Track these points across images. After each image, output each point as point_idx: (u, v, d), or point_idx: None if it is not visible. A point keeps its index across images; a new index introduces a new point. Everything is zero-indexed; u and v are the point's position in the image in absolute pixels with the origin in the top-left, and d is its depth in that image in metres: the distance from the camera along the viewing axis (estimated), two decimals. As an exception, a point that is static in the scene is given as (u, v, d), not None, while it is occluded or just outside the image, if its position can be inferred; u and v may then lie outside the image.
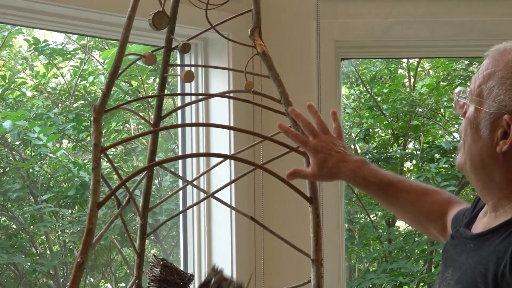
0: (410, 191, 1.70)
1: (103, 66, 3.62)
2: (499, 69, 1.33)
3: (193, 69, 2.39)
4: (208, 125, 2.41)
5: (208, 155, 2.42)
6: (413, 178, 3.89)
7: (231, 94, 2.06)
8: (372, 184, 1.67)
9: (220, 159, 1.97)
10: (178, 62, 2.41)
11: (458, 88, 1.43)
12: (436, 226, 1.71)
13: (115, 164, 3.55)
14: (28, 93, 3.64)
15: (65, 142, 3.64)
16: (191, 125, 2.43)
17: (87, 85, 3.65)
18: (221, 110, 2.37)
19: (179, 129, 2.56)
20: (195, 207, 2.40)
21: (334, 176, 1.63)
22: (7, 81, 3.47)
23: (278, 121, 1.68)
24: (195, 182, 2.29)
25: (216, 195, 1.72)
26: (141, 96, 3.49)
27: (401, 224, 4.26)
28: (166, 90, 3.09)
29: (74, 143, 3.57)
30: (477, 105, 1.34)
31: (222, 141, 2.36)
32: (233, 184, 2.26)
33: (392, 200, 1.72)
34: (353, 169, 1.62)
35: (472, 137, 1.36)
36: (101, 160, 1.44)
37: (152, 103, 3.31)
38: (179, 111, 2.48)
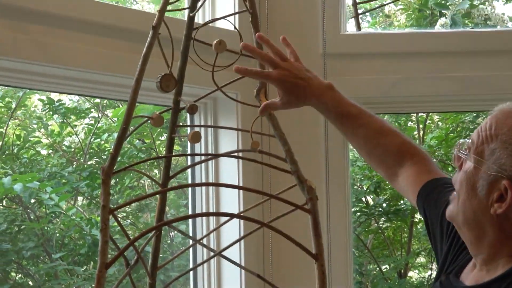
0: (367, 128, 1.70)
1: (116, 125, 3.67)
2: (503, 132, 1.34)
3: (202, 127, 2.41)
4: (215, 184, 2.42)
5: (215, 214, 2.43)
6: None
7: (240, 153, 2.07)
8: (332, 114, 1.68)
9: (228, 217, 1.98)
10: (188, 122, 2.44)
11: (461, 140, 1.45)
12: (387, 171, 1.73)
13: (128, 221, 3.59)
14: (43, 152, 3.68)
15: (80, 199, 3.66)
16: (199, 185, 2.45)
17: (102, 142, 3.70)
18: (230, 169, 2.39)
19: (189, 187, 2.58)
20: (205, 264, 2.40)
21: (302, 101, 1.63)
22: (22, 140, 3.52)
23: (286, 179, 1.69)
24: (204, 240, 2.30)
25: (226, 252, 1.72)
26: (150, 157, 3.53)
27: (413, 275, 4.22)
28: (178, 147, 3.13)
29: (89, 200, 3.60)
30: (477, 165, 1.35)
31: (231, 199, 2.37)
32: (242, 242, 2.26)
33: (349, 133, 1.73)
34: (316, 95, 1.63)
35: (467, 193, 1.37)
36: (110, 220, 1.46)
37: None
38: (189, 170, 2.50)
